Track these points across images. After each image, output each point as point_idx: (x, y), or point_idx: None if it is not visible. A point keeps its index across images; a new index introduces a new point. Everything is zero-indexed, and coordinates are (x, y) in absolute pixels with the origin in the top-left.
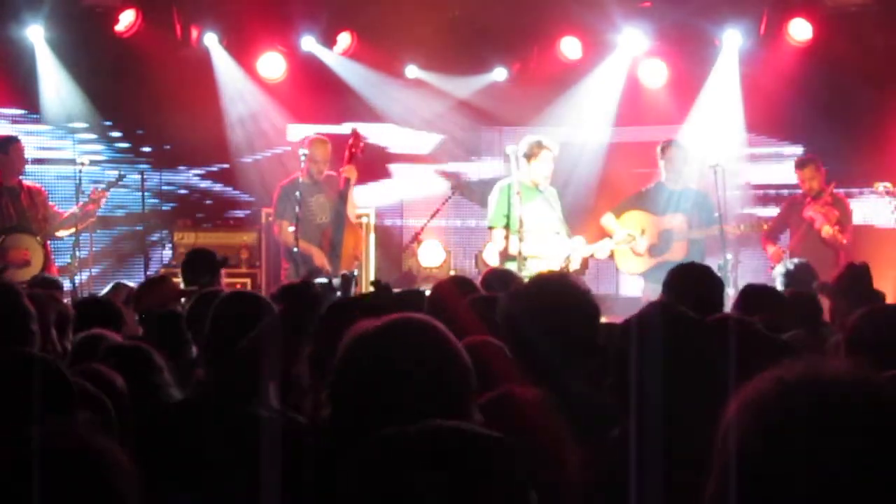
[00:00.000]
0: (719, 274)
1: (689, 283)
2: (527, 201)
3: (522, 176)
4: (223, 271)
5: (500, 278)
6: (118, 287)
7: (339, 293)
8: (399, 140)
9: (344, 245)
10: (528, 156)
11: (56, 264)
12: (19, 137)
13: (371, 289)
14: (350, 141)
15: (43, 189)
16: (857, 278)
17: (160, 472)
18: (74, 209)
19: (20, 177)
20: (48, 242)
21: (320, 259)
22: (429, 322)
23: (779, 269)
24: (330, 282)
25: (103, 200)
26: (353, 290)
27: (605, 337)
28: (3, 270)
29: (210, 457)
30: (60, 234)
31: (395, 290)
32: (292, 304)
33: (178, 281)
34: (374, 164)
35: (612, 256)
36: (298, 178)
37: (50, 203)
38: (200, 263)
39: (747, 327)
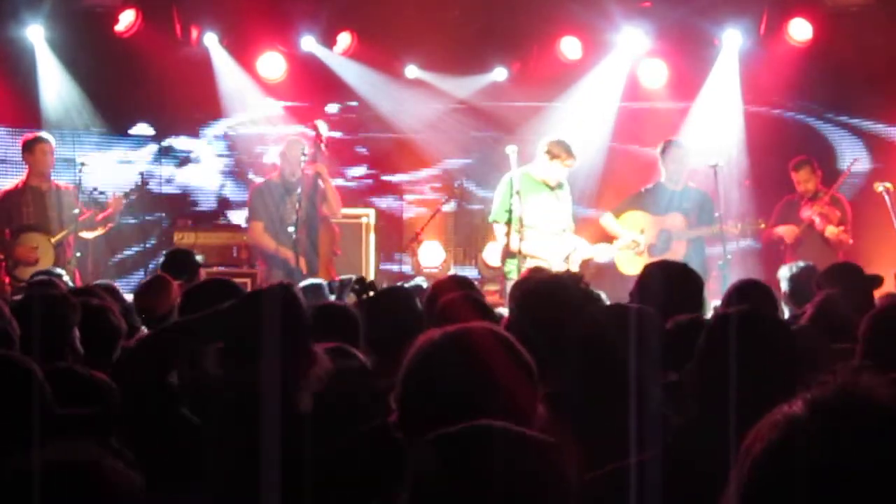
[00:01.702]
0: (719, 273)
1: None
2: (533, 195)
3: (536, 170)
4: (202, 271)
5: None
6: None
7: (333, 296)
8: (400, 140)
9: (320, 242)
10: (553, 154)
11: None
12: (48, 138)
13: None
14: (313, 136)
15: (73, 187)
16: (851, 272)
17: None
18: (88, 214)
19: (50, 176)
20: (71, 242)
21: (295, 262)
22: (490, 330)
23: (783, 273)
24: (330, 285)
25: (119, 208)
26: (346, 295)
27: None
28: (13, 268)
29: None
30: (85, 235)
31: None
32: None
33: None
34: (374, 164)
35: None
36: (272, 178)
37: (79, 202)
38: (178, 263)
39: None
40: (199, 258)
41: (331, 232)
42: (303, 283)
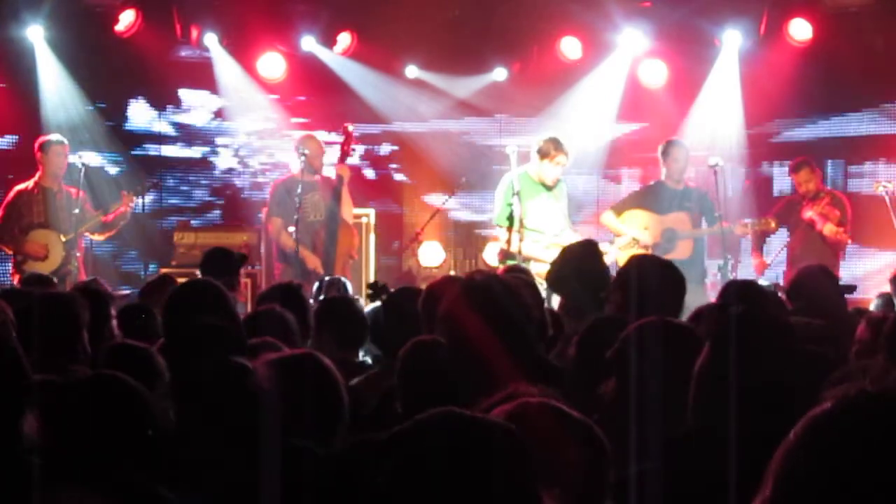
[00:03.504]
0: (720, 274)
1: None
2: (531, 198)
3: (531, 170)
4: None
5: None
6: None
7: (322, 294)
8: (399, 140)
9: (338, 244)
10: (543, 153)
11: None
12: (62, 140)
13: (369, 291)
14: (342, 139)
15: (82, 191)
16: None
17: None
18: (96, 216)
19: (62, 178)
20: (82, 243)
21: (313, 262)
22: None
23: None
24: (325, 280)
25: (132, 204)
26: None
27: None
28: (22, 263)
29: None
30: (96, 237)
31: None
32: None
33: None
34: (374, 164)
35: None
36: (295, 176)
37: (89, 205)
38: (217, 264)
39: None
40: (239, 256)
41: (350, 235)
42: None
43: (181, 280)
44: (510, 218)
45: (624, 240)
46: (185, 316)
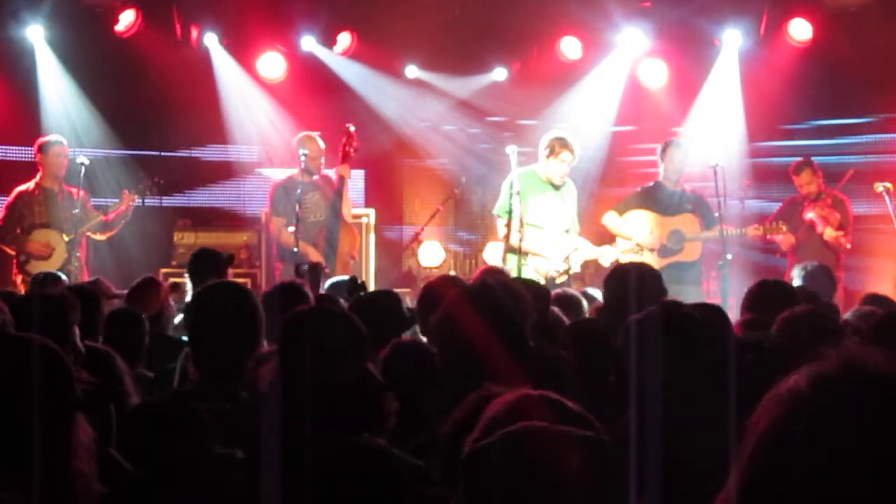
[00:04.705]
0: (719, 274)
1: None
2: (536, 195)
3: (539, 169)
4: (231, 270)
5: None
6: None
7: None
8: (399, 140)
9: (340, 244)
10: (549, 151)
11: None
12: (62, 141)
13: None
14: (344, 140)
15: (83, 191)
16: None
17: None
18: (96, 216)
19: (62, 179)
20: (85, 243)
21: (317, 258)
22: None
23: (797, 272)
24: (303, 267)
25: (133, 204)
26: (322, 281)
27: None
28: (25, 263)
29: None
30: (98, 236)
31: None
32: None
33: (184, 281)
34: (374, 164)
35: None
36: (294, 176)
37: (88, 205)
38: (203, 264)
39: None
40: (227, 256)
41: (351, 235)
42: (329, 281)
43: (178, 280)
44: (510, 215)
45: (628, 244)
46: (210, 319)
